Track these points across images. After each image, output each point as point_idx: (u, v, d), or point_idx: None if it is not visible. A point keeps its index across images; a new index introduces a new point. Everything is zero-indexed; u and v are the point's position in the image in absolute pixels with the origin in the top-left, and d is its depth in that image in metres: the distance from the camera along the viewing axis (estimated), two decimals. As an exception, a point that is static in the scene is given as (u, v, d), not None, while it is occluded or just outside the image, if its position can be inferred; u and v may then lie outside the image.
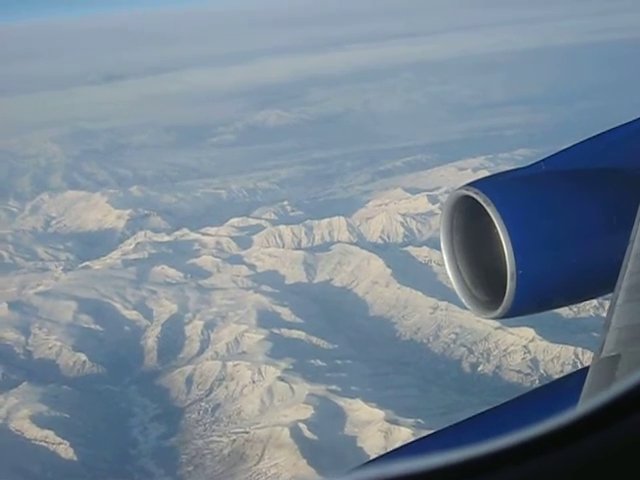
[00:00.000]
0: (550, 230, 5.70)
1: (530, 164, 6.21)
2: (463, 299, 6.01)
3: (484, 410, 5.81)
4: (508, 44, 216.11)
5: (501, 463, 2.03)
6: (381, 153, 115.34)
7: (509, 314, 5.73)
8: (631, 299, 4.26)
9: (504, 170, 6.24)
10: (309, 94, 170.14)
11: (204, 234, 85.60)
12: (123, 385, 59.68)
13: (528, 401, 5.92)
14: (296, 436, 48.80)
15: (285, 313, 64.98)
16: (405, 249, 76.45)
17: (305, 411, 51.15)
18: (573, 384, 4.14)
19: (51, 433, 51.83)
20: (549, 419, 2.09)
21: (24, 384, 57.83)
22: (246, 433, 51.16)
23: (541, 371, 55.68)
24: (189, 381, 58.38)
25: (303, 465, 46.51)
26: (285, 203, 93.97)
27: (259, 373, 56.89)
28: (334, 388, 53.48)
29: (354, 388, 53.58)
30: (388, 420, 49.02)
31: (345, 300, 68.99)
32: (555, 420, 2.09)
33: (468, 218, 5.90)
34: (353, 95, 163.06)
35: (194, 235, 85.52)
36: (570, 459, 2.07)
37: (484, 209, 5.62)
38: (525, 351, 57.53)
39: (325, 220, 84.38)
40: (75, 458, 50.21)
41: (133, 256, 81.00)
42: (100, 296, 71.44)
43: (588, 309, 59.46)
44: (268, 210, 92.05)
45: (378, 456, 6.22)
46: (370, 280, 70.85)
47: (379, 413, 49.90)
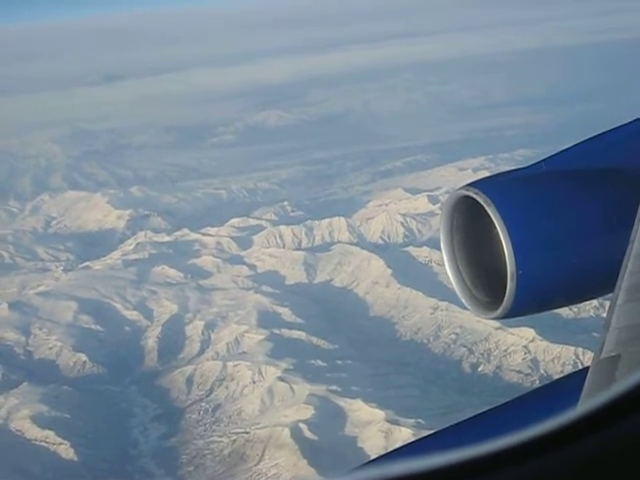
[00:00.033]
0: (550, 230, 5.71)
1: (530, 164, 6.21)
2: (463, 299, 6.01)
3: (484, 410, 5.81)
4: (508, 44, 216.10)
5: (501, 463, 2.03)
6: (381, 153, 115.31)
7: (509, 314, 5.73)
8: (631, 299, 4.26)
9: (504, 170, 6.24)
10: (309, 94, 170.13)
11: (204, 234, 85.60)
12: (123, 385, 59.68)
13: (528, 401, 5.92)
14: (296, 436, 48.80)
15: (285, 313, 64.98)
16: (405, 249, 76.45)
17: (305, 411, 51.15)
18: (573, 384, 4.14)
19: (51, 433, 51.84)
20: (549, 419, 2.09)
21: (24, 384, 57.83)
22: (246, 433, 51.17)
23: (541, 371, 55.67)
24: (189, 381, 58.37)
25: (303, 465, 46.51)
26: (285, 203, 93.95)
27: (259, 373, 56.89)
28: (334, 388, 53.48)
29: (354, 388, 53.57)
30: (388, 420, 49.01)
31: (345, 300, 68.98)
32: (555, 420, 2.09)
33: (468, 218, 5.90)
34: (353, 95, 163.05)
35: (194, 235, 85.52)
36: (570, 459, 2.07)
37: (484, 209, 5.63)
38: (525, 351, 57.53)
39: (325, 220, 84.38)
40: (75, 458, 50.22)
41: (133, 256, 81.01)
42: (100, 296, 71.45)
43: (588, 309, 59.45)
44: (268, 210, 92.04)
45: (378, 456, 6.22)
46: (370, 280, 70.84)
47: (379, 413, 49.89)
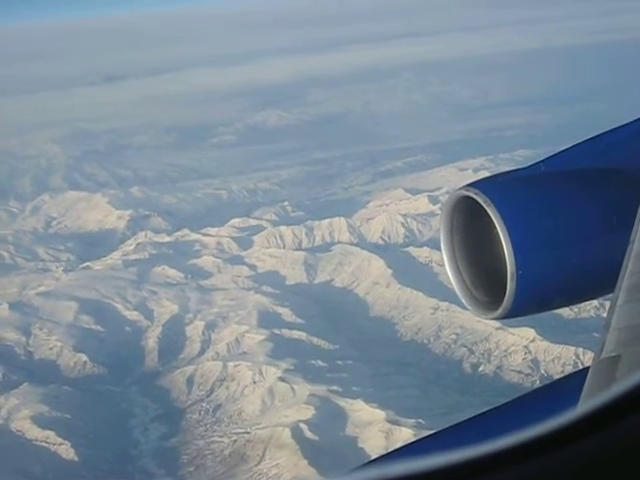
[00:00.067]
0: (550, 230, 5.70)
1: (530, 164, 6.21)
2: (463, 299, 6.00)
3: (485, 410, 5.81)
4: (509, 45, 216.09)
5: (502, 463, 2.03)
6: (382, 154, 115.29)
7: (509, 314, 5.73)
8: (631, 299, 4.26)
9: (504, 171, 6.24)
10: (309, 95, 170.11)
11: (205, 235, 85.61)
12: (124, 385, 59.69)
13: (529, 401, 5.92)
14: (297, 436, 48.80)
15: (286, 314, 64.98)
16: (406, 249, 76.45)
17: (306, 411, 51.15)
18: (573, 384, 4.14)
19: (52, 434, 51.85)
20: (550, 419, 2.09)
21: (25, 385, 57.84)
22: (247, 433, 51.17)
23: (542, 371, 55.66)
24: (190, 381, 58.38)
25: (304, 465, 46.51)
26: (286, 204, 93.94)
27: (260, 373, 56.89)
28: (335, 388, 53.48)
29: (355, 388, 53.58)
30: (389, 420, 49.01)
31: (346, 301, 68.98)
32: (555, 420, 2.09)
33: (468, 218, 5.89)
34: (353, 96, 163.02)
35: (195, 236, 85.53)
36: (571, 459, 2.07)
37: (484, 209, 5.62)
38: (526, 351, 57.52)
39: (326, 221, 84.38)
40: (76, 459, 50.23)
41: (134, 256, 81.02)
42: (101, 296, 71.45)
43: (589, 309, 59.45)
44: (269, 211, 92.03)
45: (379, 456, 6.21)
46: (371, 281, 70.84)
47: (380, 413, 49.89)
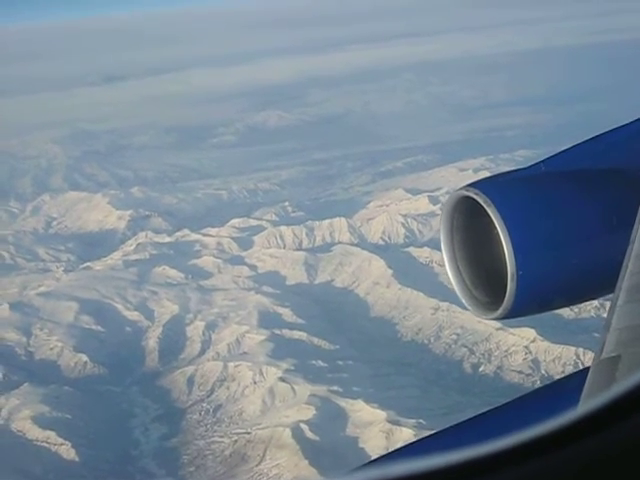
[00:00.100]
0: (550, 231, 5.70)
1: (530, 165, 6.21)
2: (463, 300, 6.00)
3: (485, 411, 5.81)
4: (509, 45, 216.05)
5: (502, 464, 2.04)
6: (382, 154, 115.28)
7: (509, 315, 5.72)
8: (631, 300, 4.26)
9: (505, 171, 6.24)
10: (310, 95, 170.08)
11: (205, 235, 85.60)
12: (124, 386, 59.68)
13: (529, 402, 5.92)
14: (298, 437, 48.79)
15: (286, 314, 64.97)
16: (406, 250, 76.44)
17: (307, 412, 51.14)
18: (574, 385, 4.14)
19: (53, 434, 51.85)
20: (550, 420, 2.10)
21: (25, 385, 57.83)
22: (247, 434, 51.16)
23: (542, 372, 55.65)
24: (190, 382, 58.37)
25: (305, 466, 46.50)
26: (286, 204, 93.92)
27: (260, 374, 56.88)
28: (336, 389, 53.47)
29: (355, 389, 53.57)
30: (390, 421, 48.99)
31: (346, 301, 68.97)
32: (556, 421, 2.09)
33: (468, 219, 5.89)
34: (354, 96, 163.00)
35: (195, 236, 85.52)
36: (571, 460, 2.07)
37: (484, 210, 5.62)
38: (526, 352, 57.51)
39: (326, 221, 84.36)
40: (77, 459, 50.23)
41: (134, 257, 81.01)
42: (101, 297, 71.45)
43: (589, 310, 59.43)
44: (269, 211, 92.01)
45: (379, 457, 6.21)
46: (371, 281, 70.82)
47: (380, 414, 49.88)
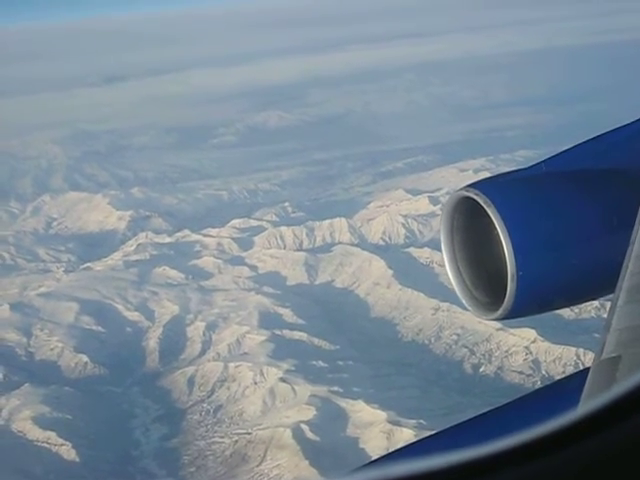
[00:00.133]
0: (550, 231, 5.70)
1: (531, 165, 6.20)
2: (464, 300, 5.99)
3: (486, 411, 5.81)
4: (510, 45, 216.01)
5: (502, 464, 2.04)
6: (382, 154, 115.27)
7: (510, 315, 5.72)
8: (632, 300, 4.26)
9: (505, 171, 6.24)
10: (310, 95, 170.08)
11: (205, 235, 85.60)
12: (125, 386, 59.68)
13: (529, 402, 5.92)
14: (298, 437, 48.80)
15: (287, 314, 64.97)
16: (406, 250, 76.44)
17: (307, 412, 51.14)
18: (574, 385, 4.14)
19: (53, 434, 51.85)
20: (550, 420, 2.10)
21: (26, 385, 57.84)
22: (248, 434, 51.17)
23: (543, 372, 55.65)
24: (191, 382, 58.37)
25: (305, 466, 46.50)
26: (286, 204, 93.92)
27: (261, 374, 56.88)
28: (336, 389, 53.47)
29: (356, 389, 53.57)
30: (390, 421, 48.99)
31: (347, 301, 68.97)
32: (556, 421, 2.09)
33: (469, 219, 5.89)
34: (354, 96, 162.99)
35: (195, 236, 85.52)
36: (571, 460, 2.07)
37: (485, 210, 5.62)
38: (527, 352, 57.51)
39: (326, 221, 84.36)
40: (77, 459, 50.23)
41: (134, 257, 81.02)
42: (102, 297, 71.45)
43: (589, 310, 59.42)
44: (269, 211, 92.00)
45: (380, 457, 6.21)
46: (372, 281, 70.82)
47: (381, 414, 49.87)
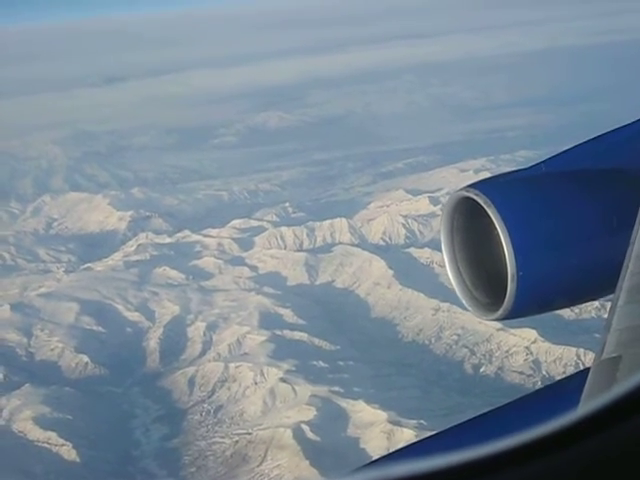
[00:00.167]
0: (551, 231, 5.70)
1: (531, 165, 6.20)
2: (464, 300, 5.99)
3: (486, 411, 5.81)
4: (510, 46, 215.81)
5: (503, 464, 2.04)
6: (382, 155, 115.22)
7: (510, 315, 5.72)
8: (632, 300, 4.26)
9: (505, 171, 6.24)
10: (310, 96, 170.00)
11: (206, 236, 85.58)
12: (125, 386, 59.68)
13: (530, 402, 5.92)
14: (299, 437, 48.79)
15: (287, 314, 64.97)
16: (407, 250, 76.43)
17: (308, 412, 51.14)
18: (574, 385, 4.14)
19: (54, 434, 51.85)
20: (551, 420, 2.10)
21: (26, 386, 57.84)
22: (248, 434, 51.16)
23: (543, 372, 55.65)
24: (191, 382, 58.37)
25: (306, 466, 46.50)
26: (287, 205, 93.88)
27: (261, 374, 56.88)
28: (336, 389, 53.46)
29: (356, 389, 53.56)
30: (391, 421, 48.99)
31: (347, 301, 68.96)
32: (557, 421, 2.09)
33: (469, 219, 5.89)
34: (354, 97, 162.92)
35: (196, 237, 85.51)
36: (572, 460, 2.08)
37: (485, 210, 5.62)
38: (527, 352, 57.50)
39: (327, 222, 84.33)
40: (78, 459, 50.23)
41: (135, 258, 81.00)
42: (102, 298, 71.44)
43: (590, 310, 59.40)
44: (270, 212, 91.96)
45: (380, 457, 6.21)
46: (372, 281, 70.81)
47: (382, 414, 49.87)
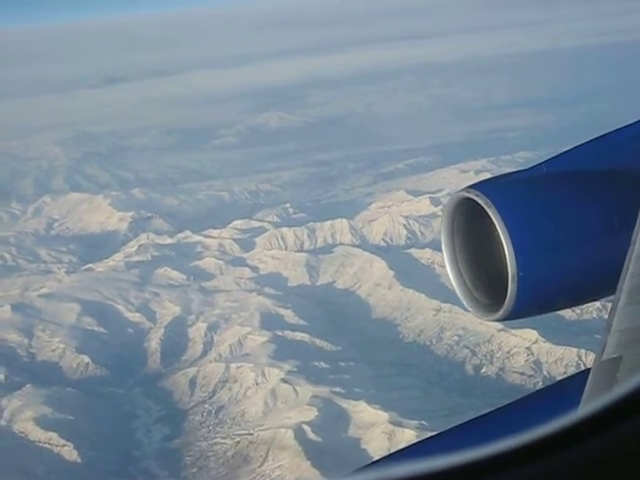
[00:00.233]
0: (551, 232, 5.70)
1: (531, 166, 6.21)
2: (464, 301, 5.99)
3: (487, 412, 5.81)
4: (511, 46, 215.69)
5: (504, 465, 2.04)
6: (383, 155, 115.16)
7: (510, 316, 5.72)
8: (632, 301, 4.26)
9: (506, 172, 6.24)
10: (311, 96, 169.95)
11: (207, 236, 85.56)
12: (127, 387, 59.68)
13: (531, 403, 5.93)
14: (300, 438, 48.79)
15: (288, 315, 64.96)
16: (408, 251, 76.41)
17: (309, 413, 51.13)
18: (575, 386, 4.15)
19: (55, 435, 51.86)
20: (551, 421, 2.10)
21: (28, 386, 57.84)
22: (250, 435, 51.16)
23: (544, 373, 55.63)
24: (192, 383, 58.37)
25: (307, 467, 46.50)
26: (287, 205, 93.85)
27: (262, 375, 56.87)
28: (338, 390, 53.45)
29: (358, 390, 53.55)
30: (392, 422, 48.98)
31: (348, 302, 68.94)
32: (557, 422, 2.10)
33: (469, 220, 5.89)
34: (355, 97, 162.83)
35: (197, 237, 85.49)
36: (572, 461, 2.08)
37: (485, 211, 5.62)
38: (528, 353, 57.48)
39: (328, 222, 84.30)
40: (79, 460, 50.23)
41: (136, 258, 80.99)
42: (103, 298, 71.43)
43: (591, 311, 59.38)
44: (271, 212, 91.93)
45: (381, 458, 6.21)
46: (373, 282, 70.80)
47: (383, 415, 49.86)
